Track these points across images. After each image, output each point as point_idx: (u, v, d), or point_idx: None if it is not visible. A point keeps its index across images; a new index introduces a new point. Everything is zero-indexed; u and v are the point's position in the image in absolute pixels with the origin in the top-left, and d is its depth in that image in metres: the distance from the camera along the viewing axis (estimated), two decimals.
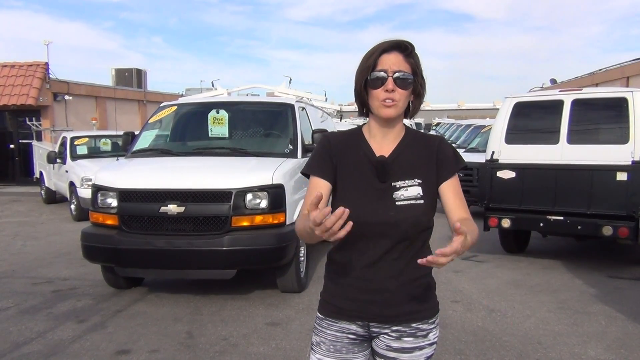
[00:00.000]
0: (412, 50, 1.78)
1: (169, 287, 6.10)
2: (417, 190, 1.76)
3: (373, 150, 1.82)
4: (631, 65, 16.96)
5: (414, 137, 1.87)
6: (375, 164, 1.79)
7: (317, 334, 1.88)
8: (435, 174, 1.81)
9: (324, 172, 1.82)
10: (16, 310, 5.32)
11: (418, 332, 1.83)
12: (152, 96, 24.31)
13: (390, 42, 1.77)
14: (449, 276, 6.39)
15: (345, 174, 1.81)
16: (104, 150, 12.77)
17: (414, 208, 1.75)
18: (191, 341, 4.49)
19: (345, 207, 1.69)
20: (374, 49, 1.77)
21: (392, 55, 1.75)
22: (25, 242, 8.78)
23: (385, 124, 1.81)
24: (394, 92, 1.73)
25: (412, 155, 1.83)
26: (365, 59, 1.77)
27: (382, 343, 1.84)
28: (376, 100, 1.76)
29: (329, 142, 1.87)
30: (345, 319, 1.82)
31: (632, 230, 5.99)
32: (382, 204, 1.75)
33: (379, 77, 1.74)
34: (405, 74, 1.75)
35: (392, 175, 1.78)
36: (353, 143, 1.85)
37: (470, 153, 11.41)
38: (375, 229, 1.74)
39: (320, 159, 1.85)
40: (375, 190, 1.77)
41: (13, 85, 17.07)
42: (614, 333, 4.59)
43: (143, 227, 5.25)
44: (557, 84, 23.54)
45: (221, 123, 6.38)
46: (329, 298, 1.86)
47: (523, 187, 6.67)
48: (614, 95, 6.70)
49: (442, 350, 4.25)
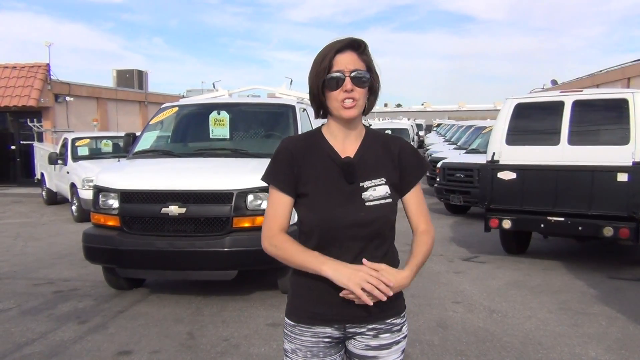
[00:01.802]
0: (365, 48, 1.78)
1: (170, 288, 6.11)
2: (385, 189, 1.77)
3: (337, 151, 1.81)
4: (632, 66, 16.97)
5: (375, 137, 1.87)
6: (342, 165, 1.78)
7: (291, 341, 1.84)
8: (397, 176, 1.82)
9: (285, 182, 1.79)
10: (18, 311, 5.33)
11: (394, 327, 1.84)
12: (153, 97, 24.36)
13: (343, 42, 1.76)
14: (450, 277, 6.39)
15: (310, 179, 1.78)
16: (105, 152, 12.79)
17: (383, 207, 1.76)
18: (192, 342, 4.49)
19: (315, 212, 1.74)
20: (327, 50, 1.75)
21: (346, 54, 1.74)
22: (27, 243, 8.80)
23: (347, 124, 1.80)
24: (352, 91, 1.73)
25: (375, 154, 1.82)
26: (320, 61, 1.75)
27: (359, 343, 1.83)
28: (335, 102, 1.74)
29: (288, 147, 1.83)
30: (320, 323, 1.80)
31: (632, 231, 5.99)
32: (352, 206, 1.74)
33: (336, 77, 1.72)
34: (362, 72, 1.74)
35: (358, 175, 1.78)
36: (314, 145, 1.82)
37: (471, 154, 11.43)
38: (347, 232, 1.73)
39: (280, 166, 1.81)
40: (344, 192, 1.76)
41: (14, 87, 17.10)
42: (615, 334, 4.60)
43: (144, 228, 5.26)
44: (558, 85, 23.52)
45: (222, 124, 6.39)
46: (302, 304, 1.82)
47: (524, 188, 6.67)
48: (614, 97, 6.70)
49: (442, 351, 4.25)
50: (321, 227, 1.75)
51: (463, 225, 9.94)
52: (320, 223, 1.75)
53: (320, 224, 1.75)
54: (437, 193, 11.39)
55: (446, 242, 8.40)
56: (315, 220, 1.76)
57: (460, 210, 11.20)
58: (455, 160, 11.59)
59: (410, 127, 23.14)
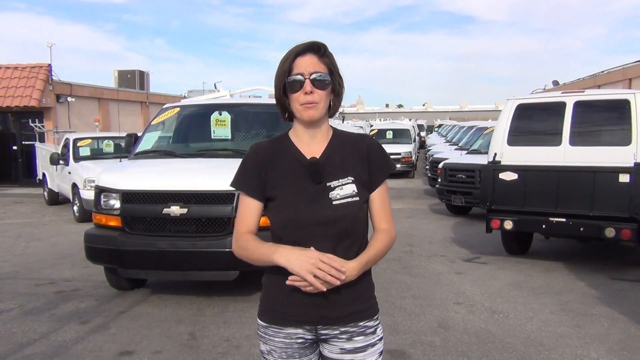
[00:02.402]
0: (325, 51, 1.81)
1: (172, 288, 6.11)
2: (352, 188, 1.79)
3: (302, 153, 1.83)
4: (633, 67, 16.96)
5: (342, 137, 1.90)
6: (308, 166, 1.80)
7: (265, 343, 1.86)
8: (367, 174, 1.84)
9: (253, 188, 1.83)
10: (19, 312, 5.34)
11: (367, 330, 1.84)
12: (154, 98, 24.38)
13: (303, 45, 1.79)
14: (452, 278, 6.39)
15: (278, 182, 1.81)
16: (107, 152, 12.79)
17: (350, 206, 1.78)
18: (194, 342, 4.50)
19: (283, 213, 1.76)
20: (288, 54, 1.79)
21: (307, 57, 1.78)
22: (28, 244, 8.81)
23: (310, 125, 1.83)
24: (312, 93, 1.76)
25: (343, 154, 1.84)
26: (281, 64, 1.79)
27: (334, 347, 1.84)
28: (297, 104, 1.78)
29: (256, 152, 1.87)
30: (292, 324, 1.81)
31: (634, 232, 5.98)
32: (320, 205, 1.76)
33: (297, 80, 1.76)
34: (322, 75, 1.77)
35: (325, 175, 1.80)
36: (281, 149, 1.86)
37: (473, 155, 11.43)
38: (316, 231, 1.75)
39: (248, 172, 1.85)
40: (311, 193, 1.78)
41: (16, 87, 17.11)
42: (617, 335, 4.59)
43: (146, 228, 5.27)
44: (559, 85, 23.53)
45: (224, 125, 6.39)
46: (272, 304, 1.85)
47: (525, 189, 6.67)
48: (616, 97, 6.70)
49: (444, 352, 4.25)
50: (290, 228, 1.77)
51: (464, 226, 9.94)
52: (289, 223, 1.77)
53: (288, 225, 1.77)
54: (439, 194, 11.38)
55: (447, 243, 8.40)
56: (283, 221, 1.78)
57: (461, 211, 11.19)
58: (456, 161, 11.59)
59: (412, 128, 23.14)
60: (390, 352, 4.18)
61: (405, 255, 7.43)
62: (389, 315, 4.99)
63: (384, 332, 1.93)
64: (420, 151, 26.94)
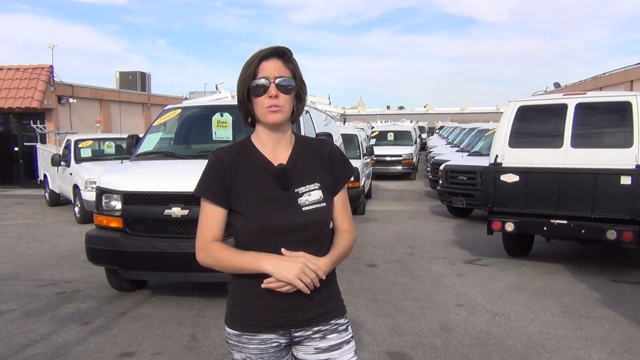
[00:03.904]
0: (290, 56, 1.82)
1: (173, 289, 6.11)
2: (319, 194, 1.81)
3: (269, 159, 1.83)
4: (635, 69, 16.95)
5: (306, 142, 1.91)
6: (276, 172, 1.80)
7: (240, 351, 1.83)
8: (330, 179, 1.86)
9: (217, 194, 1.81)
10: (20, 313, 5.34)
11: (339, 327, 1.86)
12: (156, 99, 24.39)
13: (268, 50, 1.80)
14: (453, 280, 6.38)
15: (244, 188, 1.79)
16: (108, 153, 12.80)
17: (319, 211, 1.79)
18: (195, 344, 4.49)
19: (252, 221, 1.76)
20: (252, 58, 1.79)
21: (272, 62, 1.78)
22: (30, 245, 8.81)
23: (275, 130, 1.83)
24: (277, 97, 1.76)
25: (308, 160, 1.86)
26: (245, 68, 1.79)
27: (308, 348, 1.83)
28: (261, 108, 1.77)
29: (220, 159, 1.84)
30: (265, 331, 1.79)
31: (636, 234, 5.98)
32: (290, 211, 1.76)
33: (261, 84, 1.76)
34: (287, 79, 1.78)
35: (292, 181, 1.80)
36: (245, 155, 1.84)
37: (474, 157, 11.42)
38: (287, 237, 1.75)
39: (212, 178, 1.83)
40: (280, 199, 1.78)
41: (18, 88, 17.14)
42: (618, 337, 4.58)
43: (147, 229, 5.27)
44: (561, 87, 23.52)
45: (225, 126, 6.39)
46: (242, 312, 1.82)
47: (527, 191, 6.66)
48: (617, 99, 6.69)
49: (445, 354, 4.25)
50: (261, 236, 1.76)
51: (465, 227, 9.93)
52: (259, 232, 1.76)
53: (259, 233, 1.76)
54: (440, 195, 11.38)
55: (449, 245, 8.39)
56: (254, 229, 1.77)
57: (462, 213, 11.18)
58: (457, 162, 11.59)
59: (413, 130, 23.13)
60: (391, 353, 4.17)
61: (407, 257, 7.42)
62: (390, 317, 4.98)
63: (385, 333, 1.93)
64: (421, 153, 26.93)
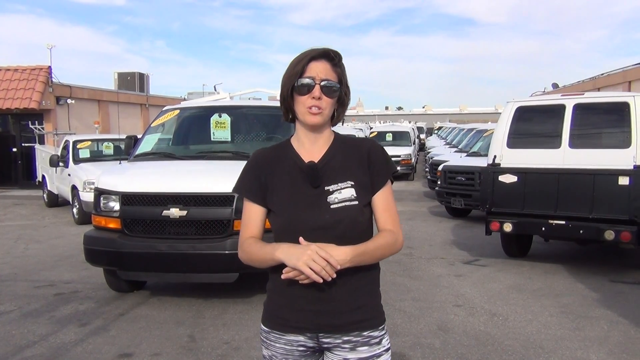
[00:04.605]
0: (339, 60, 1.82)
1: (171, 290, 6.11)
2: (351, 192, 1.78)
3: (301, 157, 1.83)
4: (633, 69, 16.97)
5: (344, 141, 1.89)
6: (306, 169, 1.80)
7: (267, 348, 1.86)
8: (368, 177, 1.82)
9: (254, 193, 1.84)
10: (19, 314, 5.33)
11: (371, 340, 1.81)
12: (154, 100, 24.38)
13: (319, 50, 1.79)
14: (451, 280, 6.39)
15: (277, 186, 1.81)
16: (107, 154, 12.79)
17: (348, 209, 1.76)
18: (193, 345, 4.49)
19: (281, 217, 1.77)
20: (302, 56, 1.79)
21: (320, 63, 1.77)
22: (28, 246, 8.80)
23: (312, 130, 1.83)
24: (320, 99, 1.76)
25: (343, 158, 1.84)
26: (293, 65, 1.78)
27: (337, 357, 1.82)
28: (302, 107, 1.77)
29: (257, 159, 1.89)
30: (293, 331, 1.79)
31: (634, 234, 5.98)
32: (317, 209, 1.76)
33: (307, 84, 1.75)
34: (332, 83, 1.77)
35: (324, 179, 1.79)
36: (281, 155, 1.87)
37: (472, 157, 11.43)
38: (313, 235, 1.73)
39: (248, 177, 1.87)
40: (309, 197, 1.77)
41: (16, 89, 17.12)
42: (616, 337, 4.59)
43: (145, 230, 5.27)
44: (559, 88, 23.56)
45: (223, 127, 6.39)
46: (275, 310, 1.84)
47: (525, 191, 6.67)
48: (615, 100, 6.70)
49: (444, 355, 4.25)
50: (289, 232, 1.75)
51: (464, 228, 9.94)
52: (287, 227, 1.77)
53: (287, 229, 1.77)
54: (438, 196, 11.39)
55: (447, 245, 8.39)
56: (283, 225, 1.78)
57: (461, 214, 11.19)
58: (456, 163, 11.59)
59: (411, 130, 23.13)
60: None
61: (405, 258, 7.42)
62: (388, 318, 4.96)
63: None
64: (419, 154, 26.93)
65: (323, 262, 1.64)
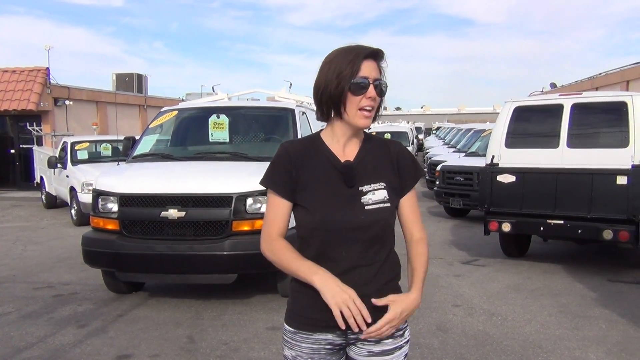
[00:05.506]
0: (385, 59, 1.80)
1: (170, 291, 6.10)
2: (384, 194, 1.78)
3: (336, 155, 1.80)
4: (631, 69, 16.99)
5: (374, 141, 1.88)
6: (342, 169, 1.78)
7: (292, 348, 1.82)
8: (397, 180, 1.82)
9: (284, 187, 1.78)
10: (17, 315, 5.32)
11: (396, 333, 1.85)
12: (152, 101, 24.35)
13: (370, 49, 1.75)
14: (450, 280, 6.39)
15: (309, 183, 1.77)
16: (105, 155, 12.77)
17: (382, 211, 1.76)
18: (192, 346, 4.49)
19: (314, 216, 1.74)
20: (354, 54, 1.72)
21: (371, 62, 1.75)
22: (26, 247, 8.79)
23: (355, 130, 1.80)
24: (374, 100, 1.74)
25: (375, 159, 1.83)
26: (345, 63, 1.71)
27: (362, 350, 1.82)
28: (355, 107, 1.73)
29: (288, 151, 1.81)
30: (322, 330, 1.77)
31: (632, 234, 5.99)
32: (352, 209, 1.74)
33: (362, 84, 1.71)
34: (382, 82, 1.76)
35: (358, 179, 1.78)
36: (313, 150, 1.82)
37: (471, 157, 11.44)
38: (347, 235, 1.73)
39: (278, 171, 1.80)
40: (344, 196, 1.75)
41: (14, 91, 17.10)
42: (615, 337, 4.59)
43: (144, 231, 5.26)
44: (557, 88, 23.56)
45: (222, 128, 6.39)
46: (301, 310, 1.80)
47: (523, 191, 6.67)
48: (613, 99, 6.71)
49: (442, 355, 4.25)
50: (321, 231, 1.74)
51: (462, 228, 9.94)
52: (321, 227, 1.74)
53: (320, 228, 1.74)
54: (437, 196, 11.39)
55: (446, 246, 8.40)
56: (315, 224, 1.75)
57: (459, 214, 11.20)
58: (454, 163, 11.60)
59: (410, 130, 23.14)
60: None
61: (403, 258, 7.41)
62: None
63: None
64: (418, 154, 26.95)
65: (355, 310, 1.64)
